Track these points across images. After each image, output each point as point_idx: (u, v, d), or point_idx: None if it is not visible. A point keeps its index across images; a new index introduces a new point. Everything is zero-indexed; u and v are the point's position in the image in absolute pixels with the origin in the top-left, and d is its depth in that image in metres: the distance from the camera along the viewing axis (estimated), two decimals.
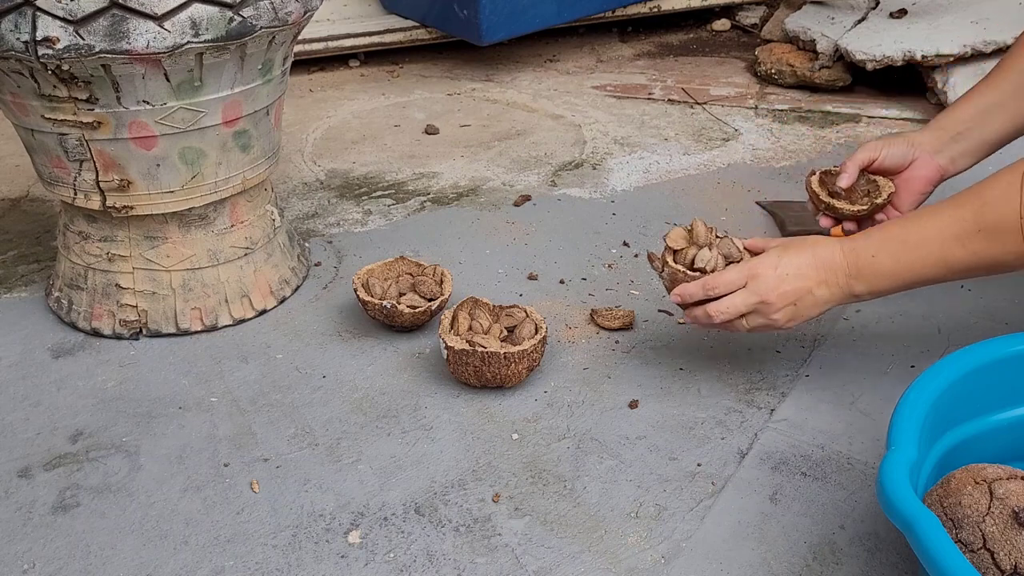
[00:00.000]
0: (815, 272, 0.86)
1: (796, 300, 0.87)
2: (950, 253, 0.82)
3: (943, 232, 0.82)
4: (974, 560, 0.63)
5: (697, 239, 0.93)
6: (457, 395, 0.97)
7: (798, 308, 0.87)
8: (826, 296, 0.87)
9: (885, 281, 0.85)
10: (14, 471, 0.87)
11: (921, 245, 0.83)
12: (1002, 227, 0.79)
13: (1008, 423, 0.79)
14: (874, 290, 0.86)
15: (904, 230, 0.85)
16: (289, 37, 1.03)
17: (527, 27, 1.99)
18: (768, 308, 0.87)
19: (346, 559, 0.77)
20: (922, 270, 0.84)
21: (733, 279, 0.88)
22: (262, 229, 1.13)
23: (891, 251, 0.84)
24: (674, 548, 0.77)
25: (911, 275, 0.84)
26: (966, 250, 0.81)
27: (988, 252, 0.81)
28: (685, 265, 0.92)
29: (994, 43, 1.68)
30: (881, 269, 0.85)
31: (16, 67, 0.90)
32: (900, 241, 0.84)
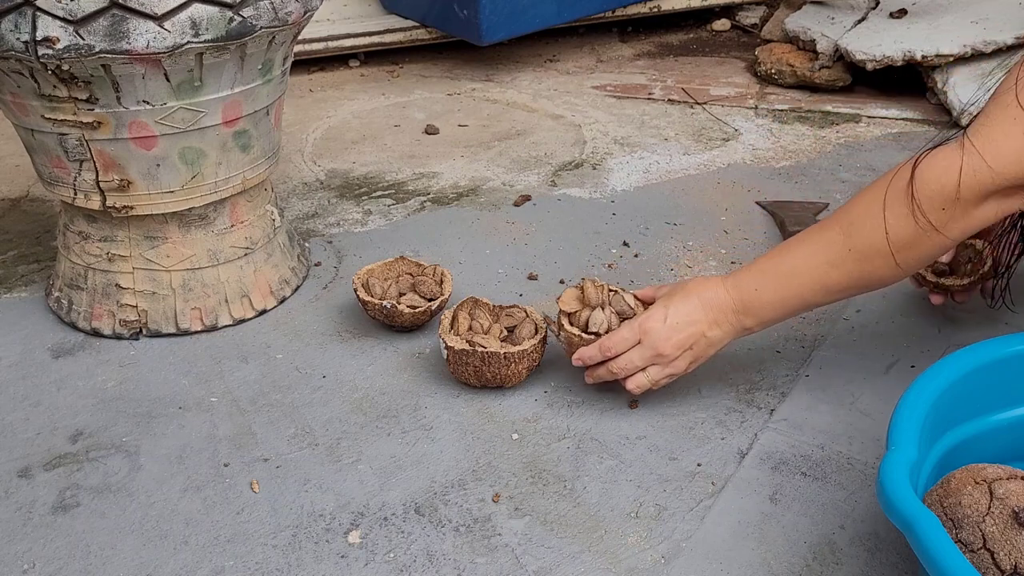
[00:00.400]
0: (704, 315, 0.88)
1: (692, 345, 0.88)
2: (827, 277, 0.83)
3: (816, 258, 0.83)
4: (974, 560, 0.63)
5: (589, 300, 0.96)
6: (457, 395, 0.97)
7: (695, 351, 0.89)
8: (719, 335, 0.89)
9: (771, 311, 0.87)
10: (14, 471, 0.87)
11: (798, 274, 0.84)
12: (871, 248, 0.80)
13: (1008, 423, 0.79)
14: (763, 321, 0.88)
15: (781, 260, 0.86)
16: (289, 37, 1.03)
17: (527, 27, 1.99)
18: (665, 359, 0.88)
19: (346, 559, 0.77)
20: (804, 297, 0.85)
21: (627, 337, 0.89)
22: (262, 229, 1.13)
23: (771, 283, 0.86)
24: (674, 548, 0.77)
25: (795, 303, 0.86)
26: (840, 272, 0.82)
27: (862, 271, 0.82)
28: (580, 327, 0.95)
29: (994, 43, 1.69)
30: (765, 301, 0.86)
31: (16, 67, 0.90)
32: (778, 272, 0.86)
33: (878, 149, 1.60)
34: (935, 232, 0.77)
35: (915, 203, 0.77)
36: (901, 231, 0.78)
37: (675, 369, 0.89)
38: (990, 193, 0.75)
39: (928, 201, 0.77)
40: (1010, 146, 0.73)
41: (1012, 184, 0.75)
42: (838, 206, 1.38)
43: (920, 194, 0.77)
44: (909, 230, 0.78)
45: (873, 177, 1.49)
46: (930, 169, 0.77)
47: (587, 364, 0.93)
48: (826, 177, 1.50)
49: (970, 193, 0.75)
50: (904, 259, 0.80)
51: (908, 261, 0.80)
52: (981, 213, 0.77)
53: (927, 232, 0.78)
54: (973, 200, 0.76)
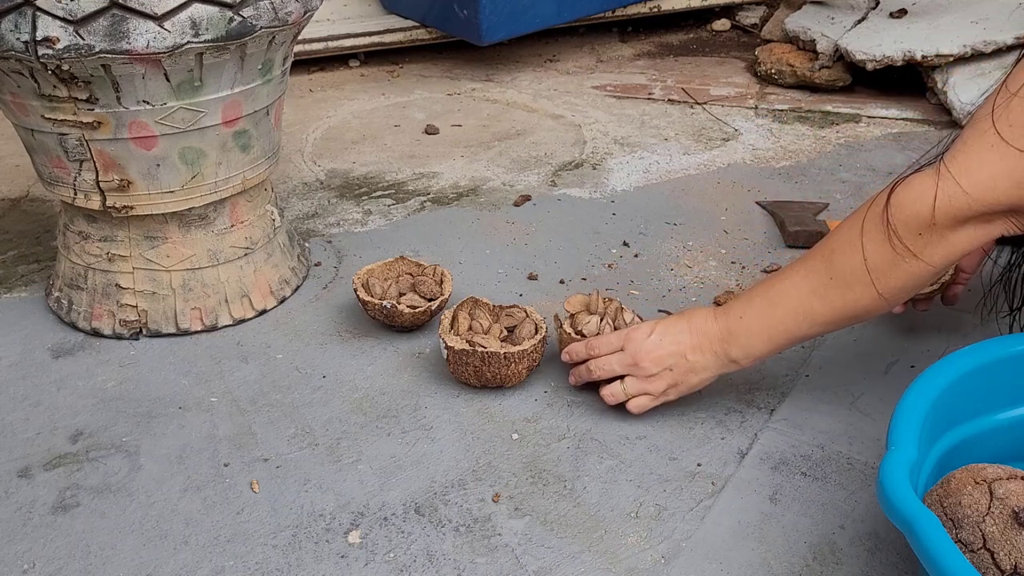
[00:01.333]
0: (689, 338, 0.88)
1: (671, 365, 0.88)
2: (810, 306, 0.82)
3: (799, 286, 0.82)
4: (974, 560, 0.63)
5: (590, 307, 1.00)
6: (457, 395, 0.97)
7: (675, 374, 0.88)
8: (701, 361, 0.87)
9: (757, 341, 0.85)
10: (14, 471, 0.87)
11: (782, 301, 0.83)
12: (851, 276, 0.79)
13: (1008, 423, 0.79)
14: (749, 352, 0.86)
15: (766, 289, 0.85)
16: (289, 37, 1.03)
17: (527, 27, 1.99)
18: (641, 371, 0.88)
19: (346, 559, 0.77)
20: (789, 328, 0.83)
21: (612, 341, 0.91)
22: (262, 229, 1.13)
23: (756, 311, 0.85)
24: (674, 548, 0.77)
25: (780, 333, 0.84)
26: (824, 301, 0.81)
27: (844, 301, 0.80)
28: (574, 329, 0.98)
29: (994, 43, 1.68)
30: (751, 329, 0.85)
31: (16, 67, 0.90)
32: (763, 300, 0.85)
33: (878, 149, 1.60)
34: (913, 258, 0.76)
35: (891, 228, 0.76)
36: (878, 257, 0.77)
37: (652, 387, 0.89)
38: (967, 219, 0.74)
39: (904, 226, 0.76)
40: (986, 172, 0.72)
41: (989, 210, 0.74)
42: (838, 206, 1.39)
43: (895, 219, 0.76)
44: (886, 256, 0.77)
45: (873, 177, 1.50)
46: (906, 194, 0.76)
47: (573, 360, 0.94)
48: (826, 177, 1.50)
49: (945, 218, 0.74)
50: (885, 287, 0.78)
51: (890, 289, 0.78)
52: (959, 239, 0.76)
53: (904, 258, 0.76)
54: (949, 225, 0.75)
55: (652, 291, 1.17)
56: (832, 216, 1.35)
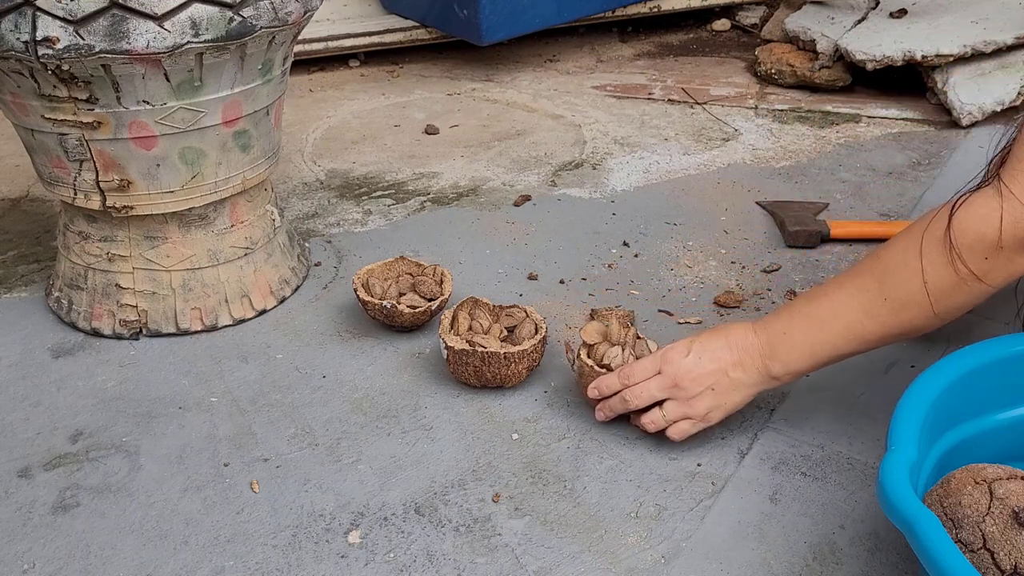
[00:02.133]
0: (729, 354, 0.84)
1: (713, 384, 0.84)
2: (861, 327, 0.80)
3: (849, 305, 0.80)
4: (974, 560, 0.63)
5: (611, 337, 0.94)
6: (457, 395, 0.97)
7: (717, 394, 0.84)
8: (743, 379, 0.84)
9: (800, 358, 0.82)
10: (14, 471, 0.87)
11: (830, 320, 0.81)
12: (908, 298, 0.77)
13: (1008, 423, 0.79)
14: (791, 369, 0.83)
15: (812, 305, 0.82)
16: (289, 37, 1.03)
17: (527, 27, 1.99)
18: (683, 393, 0.84)
19: (346, 559, 0.77)
20: (836, 346, 0.81)
21: (647, 366, 0.86)
22: (262, 229, 1.13)
23: (800, 327, 0.82)
24: (674, 548, 0.77)
25: (825, 351, 0.82)
26: (876, 322, 0.79)
27: (899, 321, 0.78)
28: (596, 360, 0.92)
29: (994, 43, 1.68)
30: (794, 346, 0.82)
31: (16, 67, 0.90)
32: (809, 316, 0.82)
33: (878, 149, 1.60)
34: (976, 281, 0.75)
35: (954, 253, 0.74)
36: (940, 280, 0.76)
37: (693, 410, 0.85)
38: None
39: (968, 250, 0.74)
40: None
41: None
42: (838, 206, 1.39)
43: (959, 243, 0.74)
44: (948, 279, 0.75)
45: (873, 177, 1.49)
46: (969, 217, 0.74)
47: (603, 395, 0.89)
48: (826, 177, 1.50)
49: (1013, 241, 0.73)
50: (943, 308, 0.77)
51: (947, 310, 0.77)
52: None
53: (968, 281, 0.75)
54: (1017, 248, 0.73)
55: (652, 291, 1.17)
56: (832, 216, 1.35)
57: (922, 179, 1.48)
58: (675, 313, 1.11)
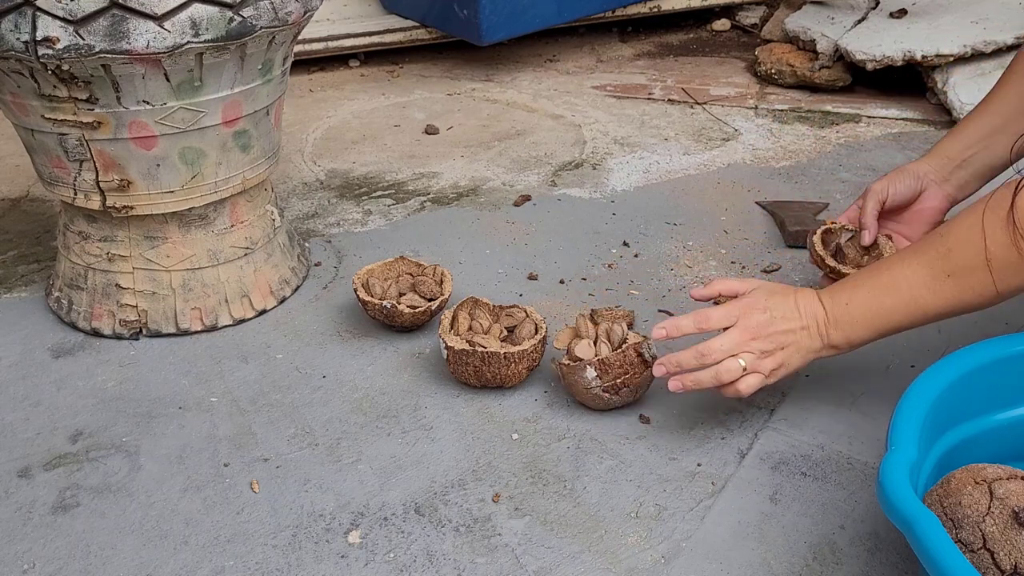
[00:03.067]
0: (799, 318, 0.85)
1: (784, 344, 0.85)
2: (923, 300, 0.81)
3: (911, 279, 0.81)
4: (974, 560, 0.63)
5: (579, 333, 0.96)
6: (457, 395, 0.97)
7: (785, 353, 0.85)
8: (807, 343, 0.85)
9: (860, 329, 0.84)
10: (14, 471, 0.88)
11: (892, 293, 0.82)
12: (971, 275, 0.78)
13: (1008, 423, 0.79)
14: (850, 339, 0.84)
15: (875, 278, 0.84)
16: (289, 37, 1.03)
17: (527, 27, 1.99)
18: (758, 346, 0.84)
19: (346, 559, 0.77)
20: (895, 317, 0.83)
21: (724, 315, 0.86)
22: (262, 229, 1.13)
23: (864, 299, 0.84)
24: (674, 548, 0.77)
25: (884, 323, 0.83)
26: (937, 296, 0.80)
27: (959, 296, 0.80)
28: (571, 358, 0.93)
29: (994, 43, 1.69)
30: (855, 316, 0.84)
31: (16, 67, 0.90)
32: (872, 288, 0.84)
33: (878, 149, 1.60)
34: None
35: (1017, 233, 0.76)
36: (1003, 259, 0.77)
37: (763, 366, 0.85)
38: None
39: None
40: None
41: None
42: (838, 206, 1.39)
43: (1022, 223, 0.75)
44: (1012, 259, 0.76)
45: (873, 177, 1.50)
46: None
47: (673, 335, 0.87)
48: (826, 177, 1.50)
49: None
50: (1006, 287, 0.78)
51: (1010, 288, 0.78)
52: None
53: None
54: None
55: (652, 291, 1.17)
56: (832, 216, 1.35)
57: None
58: (675, 313, 1.11)
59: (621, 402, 0.92)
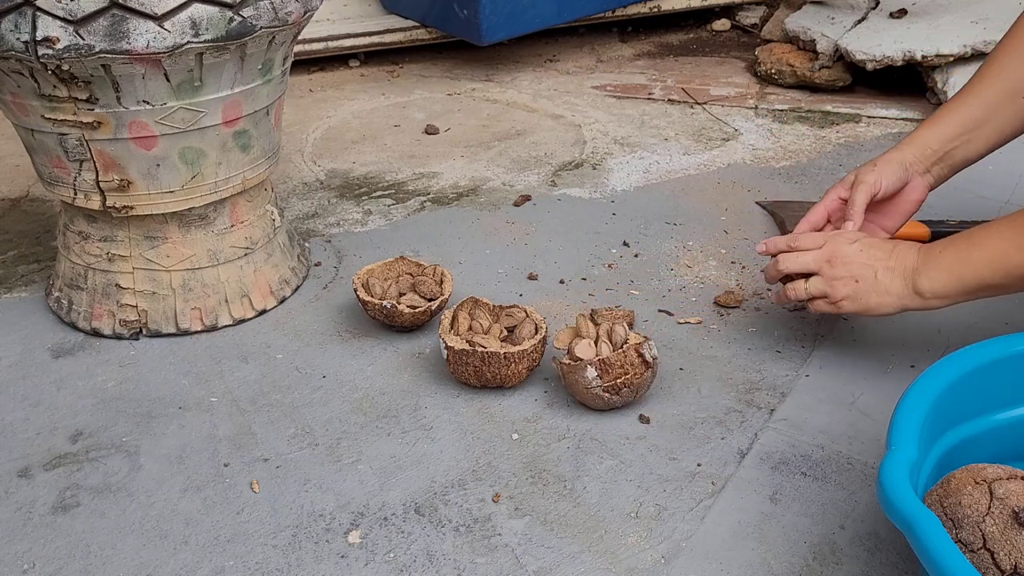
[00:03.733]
0: (886, 257, 0.88)
1: (859, 276, 0.88)
2: (1009, 257, 0.82)
3: (1003, 235, 0.83)
4: (974, 560, 0.63)
5: (579, 332, 0.97)
6: (457, 395, 0.97)
7: (860, 286, 0.89)
8: (888, 283, 0.88)
9: (947, 278, 0.86)
10: (14, 471, 0.88)
11: (982, 245, 0.84)
12: None
13: (1008, 423, 0.79)
14: (936, 288, 0.86)
15: (970, 234, 0.86)
16: (289, 37, 1.03)
17: (527, 27, 1.99)
18: (831, 271, 0.90)
19: (346, 559, 0.77)
20: (982, 272, 0.84)
21: (815, 239, 0.93)
22: (262, 229, 1.13)
23: (954, 249, 0.86)
24: (674, 548, 0.77)
25: (972, 276, 0.85)
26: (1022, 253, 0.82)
27: None
28: (572, 358, 0.94)
29: (994, 43, 1.68)
30: (943, 263, 0.86)
31: (16, 67, 0.90)
32: (965, 240, 0.86)
33: (878, 149, 1.60)
34: None
35: None
36: None
37: (833, 291, 0.90)
38: None
39: None
40: None
41: None
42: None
43: None
44: None
45: None
46: None
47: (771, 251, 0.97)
48: (826, 177, 1.50)
49: None
50: None
51: None
52: None
53: None
54: None
55: (652, 291, 1.17)
56: None
57: None
58: (675, 313, 1.12)
59: (621, 402, 0.92)
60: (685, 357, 1.03)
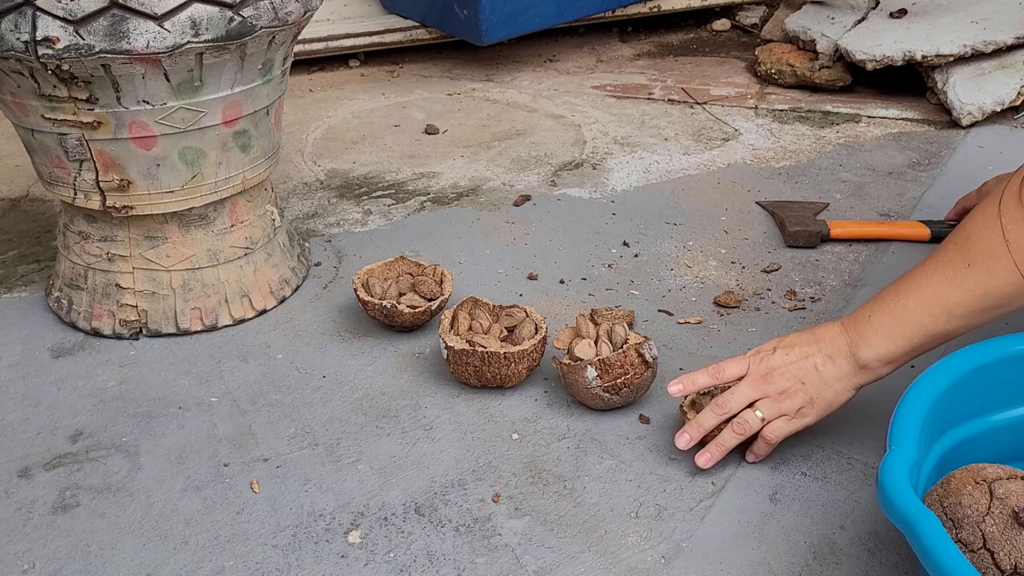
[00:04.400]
0: (817, 348, 0.83)
1: (803, 379, 0.82)
2: (946, 297, 0.78)
3: (932, 277, 0.79)
4: (974, 560, 0.63)
5: (579, 332, 0.97)
6: (457, 395, 0.97)
7: (808, 388, 0.82)
8: (833, 372, 0.82)
9: (887, 339, 0.80)
10: (14, 471, 0.88)
11: (914, 294, 0.80)
12: (991, 259, 0.76)
13: (1008, 423, 0.79)
14: (879, 353, 0.81)
15: (896, 285, 0.82)
16: (289, 37, 1.03)
17: (527, 27, 1.99)
18: (773, 387, 0.83)
19: (346, 559, 0.77)
20: (924, 321, 0.79)
21: (738, 362, 0.85)
22: (262, 229, 1.13)
23: (886, 308, 0.81)
24: (674, 548, 0.77)
25: (915, 329, 0.79)
26: (962, 290, 0.78)
27: (984, 288, 0.77)
28: (572, 358, 0.93)
29: (994, 43, 1.68)
30: (880, 327, 0.80)
31: (16, 67, 0.90)
32: (893, 294, 0.81)
33: (878, 149, 1.60)
34: None
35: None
36: (1020, 236, 0.75)
37: (786, 406, 0.82)
38: None
39: None
40: None
41: None
42: (838, 206, 1.39)
43: None
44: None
45: (873, 177, 1.50)
46: None
47: (687, 392, 0.86)
48: (826, 177, 1.50)
49: None
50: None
51: None
52: None
53: None
54: None
55: (652, 291, 1.17)
56: (832, 216, 1.35)
57: (922, 179, 1.48)
58: (675, 313, 1.12)
59: (621, 402, 0.92)
60: (685, 357, 1.03)
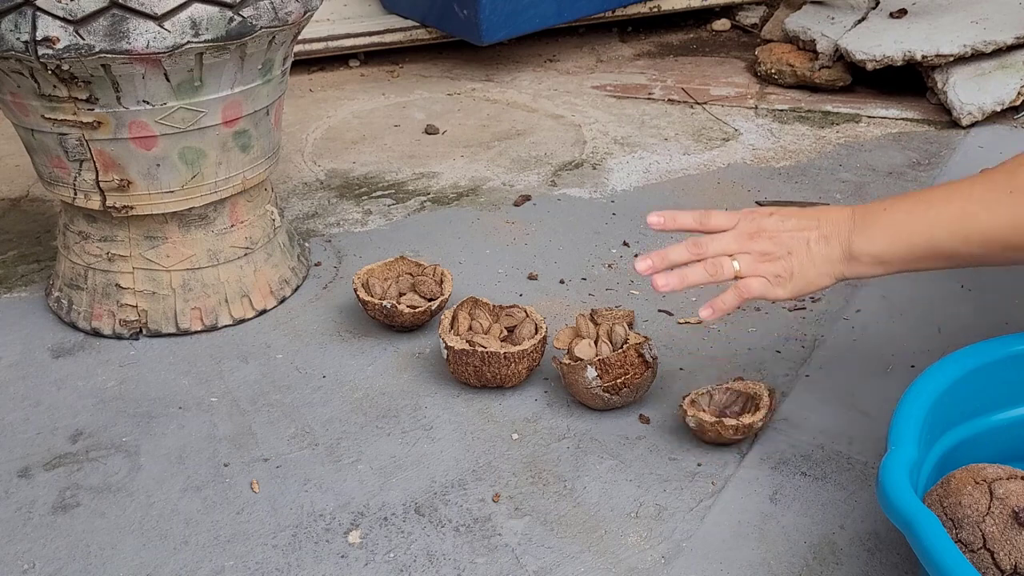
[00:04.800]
0: (816, 225, 0.76)
1: (792, 249, 0.76)
2: (974, 217, 0.70)
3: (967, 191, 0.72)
4: (974, 560, 0.63)
5: (580, 333, 0.96)
6: (457, 395, 0.97)
7: (794, 260, 0.75)
8: (823, 252, 0.75)
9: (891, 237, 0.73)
10: (14, 471, 0.88)
11: (941, 201, 0.72)
12: None
13: (1008, 423, 0.79)
14: (874, 251, 0.73)
15: (928, 190, 0.74)
16: (289, 37, 1.03)
17: (527, 27, 1.99)
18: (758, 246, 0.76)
19: (346, 559, 0.77)
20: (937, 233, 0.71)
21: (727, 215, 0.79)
22: (262, 229, 1.13)
23: (905, 207, 0.73)
24: (674, 548, 0.77)
25: (923, 236, 0.72)
26: (992, 214, 0.70)
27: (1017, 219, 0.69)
28: (572, 358, 0.93)
29: (994, 43, 1.68)
30: (890, 222, 0.73)
31: (16, 67, 0.90)
32: (918, 199, 0.73)
33: (878, 149, 1.60)
34: None
35: None
36: None
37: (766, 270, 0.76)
38: None
39: None
40: None
41: None
42: (838, 206, 1.39)
43: None
44: None
45: (873, 177, 1.50)
46: None
47: (667, 227, 0.80)
48: (826, 177, 1.50)
49: None
50: None
51: None
52: None
53: None
54: None
55: (652, 291, 1.16)
56: None
57: (922, 179, 1.48)
58: (675, 313, 1.12)
59: (621, 402, 0.92)
60: (685, 357, 1.03)
